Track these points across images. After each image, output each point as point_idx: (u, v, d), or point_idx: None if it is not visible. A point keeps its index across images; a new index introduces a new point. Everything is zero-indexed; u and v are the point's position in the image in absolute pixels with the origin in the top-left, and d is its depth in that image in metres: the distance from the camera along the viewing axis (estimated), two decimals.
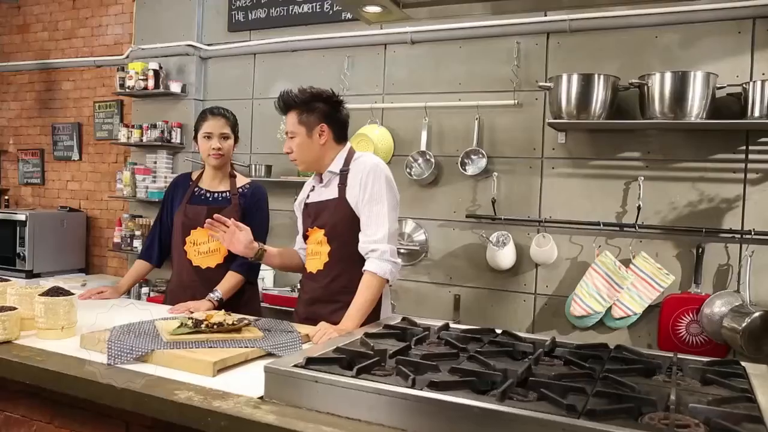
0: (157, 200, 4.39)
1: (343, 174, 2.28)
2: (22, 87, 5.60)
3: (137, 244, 4.47)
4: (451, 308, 3.64)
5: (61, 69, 5.36)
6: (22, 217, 4.62)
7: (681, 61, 3.06)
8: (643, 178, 3.14)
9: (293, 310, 2.54)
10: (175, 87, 4.39)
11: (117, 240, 4.58)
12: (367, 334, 1.83)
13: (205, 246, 2.68)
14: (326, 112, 2.27)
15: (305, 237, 2.43)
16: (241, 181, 2.78)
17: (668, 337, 3.10)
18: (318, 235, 2.33)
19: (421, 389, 1.34)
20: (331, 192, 2.31)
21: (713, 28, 3.05)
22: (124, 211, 4.91)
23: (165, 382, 1.59)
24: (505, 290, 3.52)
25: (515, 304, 3.49)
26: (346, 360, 1.55)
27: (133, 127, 4.51)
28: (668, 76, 2.85)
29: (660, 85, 2.86)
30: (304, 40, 4.08)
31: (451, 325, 2.04)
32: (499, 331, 1.98)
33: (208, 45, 4.46)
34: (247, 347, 1.82)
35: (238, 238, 2.30)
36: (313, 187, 2.42)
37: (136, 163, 4.57)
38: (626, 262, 3.18)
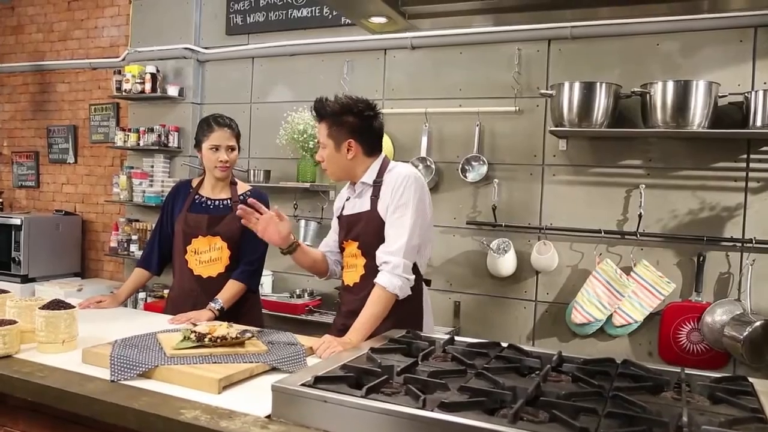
0: (154, 205, 4.35)
1: (377, 185, 2.22)
2: (16, 89, 5.55)
3: (134, 248, 4.44)
4: (451, 315, 3.63)
5: (56, 71, 5.31)
6: (17, 222, 4.58)
7: (682, 69, 3.06)
8: (644, 185, 3.13)
9: (331, 321, 2.48)
10: (172, 91, 4.35)
11: (113, 244, 4.54)
12: (373, 350, 1.82)
13: (206, 255, 2.66)
14: (356, 127, 2.18)
15: (341, 249, 2.38)
16: (242, 188, 2.76)
17: (669, 345, 3.10)
18: (352, 248, 2.29)
19: (432, 410, 1.33)
20: (363, 204, 2.26)
21: (715, 36, 3.05)
22: (120, 215, 4.87)
23: (170, 399, 1.57)
24: (505, 297, 3.51)
25: (516, 311, 3.48)
26: (354, 378, 1.53)
27: (129, 130, 4.47)
28: (670, 85, 2.85)
29: (662, 94, 2.86)
30: (303, 44, 4.06)
31: (456, 339, 2.03)
32: (504, 345, 1.97)
33: (206, 48, 4.42)
34: (252, 362, 1.80)
35: (278, 228, 2.21)
36: (348, 197, 2.35)
37: (132, 167, 4.53)
38: (627, 270, 3.18)
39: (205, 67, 4.47)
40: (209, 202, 2.70)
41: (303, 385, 1.46)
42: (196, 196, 2.72)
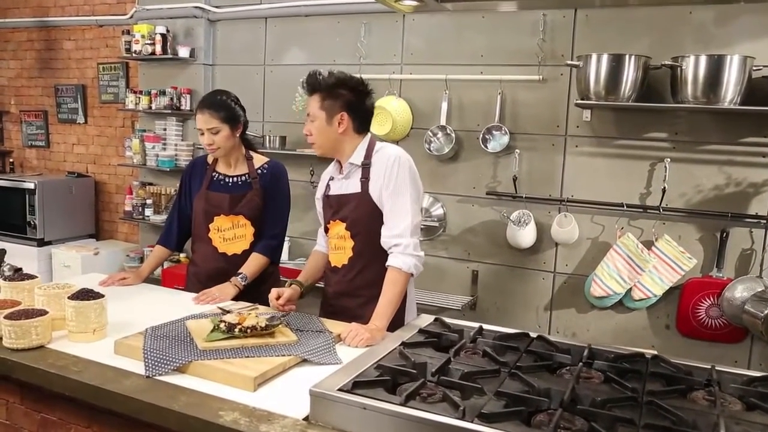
0: (168, 169, 4.32)
1: (365, 167, 2.26)
2: (20, 45, 5.42)
3: (149, 212, 4.43)
4: (469, 283, 3.64)
5: (61, 27, 5.16)
6: (30, 185, 4.56)
7: (716, 40, 2.95)
8: (669, 159, 3.07)
9: (319, 301, 2.53)
10: (183, 52, 4.24)
11: (128, 208, 4.54)
12: (404, 344, 1.83)
13: (230, 232, 2.66)
14: (349, 101, 2.22)
15: (326, 229, 2.40)
16: (259, 161, 2.72)
17: (687, 319, 3.12)
18: (340, 228, 2.31)
19: (472, 421, 1.34)
20: (353, 185, 2.28)
21: (750, 6, 2.91)
22: (133, 177, 4.84)
23: (208, 399, 1.59)
24: (524, 268, 3.51)
25: (534, 282, 3.49)
26: (390, 381, 1.55)
27: (141, 93, 4.38)
28: (703, 59, 2.75)
29: (694, 69, 2.76)
30: (318, 5, 3.91)
31: (484, 328, 2.03)
32: (533, 336, 1.98)
33: (217, 7, 4.28)
34: (283, 355, 1.82)
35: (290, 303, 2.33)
36: (332, 177, 2.38)
37: (145, 130, 4.47)
38: (648, 244, 3.16)
39: (216, 27, 4.34)
40: (228, 179, 2.68)
41: (341, 390, 1.48)
42: (214, 174, 2.69)
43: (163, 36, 4.22)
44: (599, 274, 3.20)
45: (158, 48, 4.22)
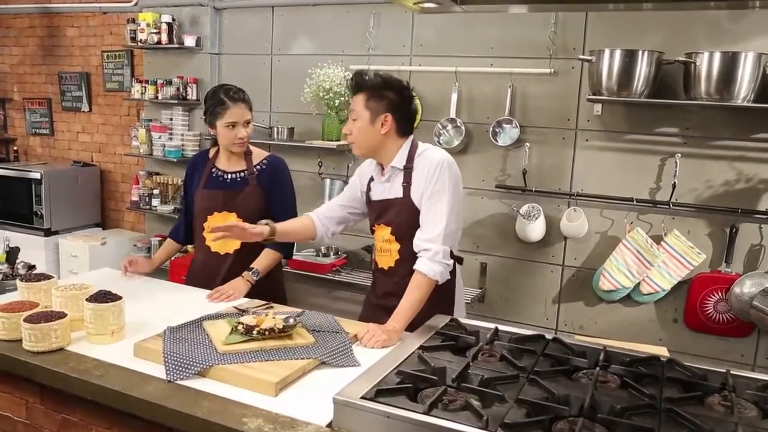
0: (174, 159, 4.31)
1: (408, 171, 2.23)
2: (23, 32, 5.36)
3: (156, 202, 4.43)
4: (477, 275, 3.66)
5: (64, 14, 5.10)
6: (37, 175, 4.54)
7: (729, 35, 2.93)
8: (680, 154, 3.07)
9: (355, 281, 2.54)
10: (189, 41, 4.21)
11: (135, 198, 4.53)
12: (423, 348, 1.84)
13: None
14: (395, 103, 2.20)
15: (372, 231, 2.40)
16: (258, 156, 2.68)
17: (695, 313, 3.14)
18: (385, 232, 2.31)
19: (495, 430, 1.36)
20: (395, 190, 2.27)
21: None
22: (139, 166, 4.83)
23: (230, 405, 1.61)
24: (532, 261, 3.52)
25: (542, 274, 3.51)
26: (412, 388, 1.56)
27: (147, 82, 4.35)
28: (717, 56, 2.74)
29: (708, 66, 2.75)
30: None
31: (500, 329, 2.05)
32: (549, 338, 1.99)
33: None
34: (302, 358, 1.83)
35: (245, 234, 2.26)
36: (372, 178, 2.36)
37: (151, 120, 4.45)
38: (657, 239, 3.17)
39: (223, 15, 4.30)
40: (226, 176, 2.65)
41: (364, 398, 1.49)
42: (213, 170, 2.67)
43: (169, 25, 4.18)
44: (608, 268, 3.21)
45: (164, 37, 4.19)
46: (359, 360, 1.88)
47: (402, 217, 2.24)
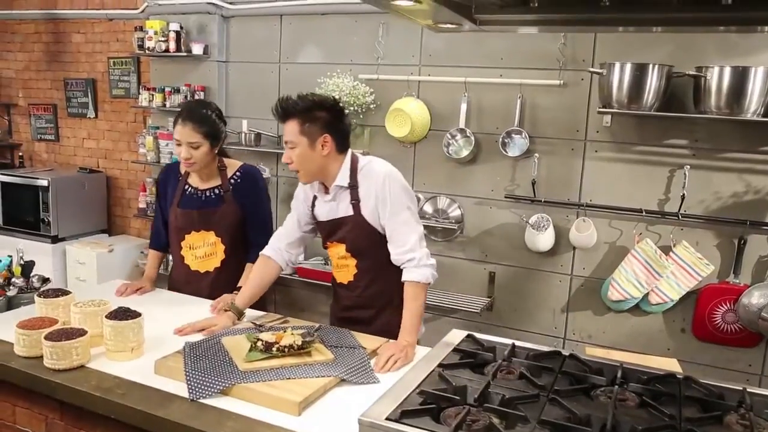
0: None
1: (354, 189, 2.24)
2: (28, 37, 5.35)
3: None
4: (486, 284, 3.68)
5: (70, 20, 5.10)
6: (44, 183, 4.55)
7: (739, 49, 2.95)
8: (689, 166, 3.09)
9: (329, 310, 2.58)
10: (197, 49, 4.21)
11: (142, 205, 4.54)
12: (442, 365, 1.86)
13: (201, 250, 2.64)
14: (329, 122, 2.17)
15: (325, 247, 2.42)
16: (232, 167, 2.65)
17: (703, 324, 3.16)
18: (340, 249, 2.34)
19: None
20: (343, 209, 2.28)
21: None
22: (145, 172, 4.83)
23: (254, 424, 1.63)
24: (541, 270, 3.54)
25: (551, 284, 3.53)
26: (435, 409, 1.58)
27: (154, 90, 4.36)
28: (728, 70, 2.75)
29: (718, 80, 2.77)
30: (335, 3, 3.87)
31: (516, 345, 2.06)
32: (565, 354, 2.01)
33: (231, 3, 4.23)
34: (323, 376, 1.85)
35: (219, 323, 2.25)
36: (315, 196, 2.35)
37: (158, 127, 4.45)
38: (666, 249, 3.19)
39: (230, 23, 4.30)
40: (200, 194, 2.61)
41: (389, 419, 1.51)
42: (186, 187, 2.63)
43: (177, 33, 4.19)
44: (617, 278, 3.23)
45: (172, 45, 4.19)
46: (379, 377, 1.91)
47: (356, 233, 2.26)
